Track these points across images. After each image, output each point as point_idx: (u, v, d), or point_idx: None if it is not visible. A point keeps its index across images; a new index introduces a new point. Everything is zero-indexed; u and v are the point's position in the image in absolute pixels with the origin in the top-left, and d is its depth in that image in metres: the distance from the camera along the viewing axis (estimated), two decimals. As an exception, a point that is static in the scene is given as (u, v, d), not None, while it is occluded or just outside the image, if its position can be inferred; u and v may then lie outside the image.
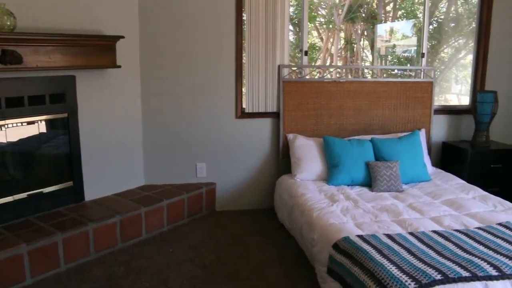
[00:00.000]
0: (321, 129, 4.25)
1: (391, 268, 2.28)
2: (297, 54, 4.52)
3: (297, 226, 3.40)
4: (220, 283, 3.01)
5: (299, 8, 4.38)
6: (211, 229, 3.89)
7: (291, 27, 4.77)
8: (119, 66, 3.62)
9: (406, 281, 2.16)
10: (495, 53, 4.68)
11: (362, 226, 2.90)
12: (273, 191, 4.22)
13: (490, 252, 2.48)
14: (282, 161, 4.23)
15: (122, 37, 3.56)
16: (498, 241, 2.64)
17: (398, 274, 2.22)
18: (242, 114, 4.22)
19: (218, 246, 3.57)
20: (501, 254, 2.45)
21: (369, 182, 3.77)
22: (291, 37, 4.86)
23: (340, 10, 5.31)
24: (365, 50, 5.62)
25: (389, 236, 2.70)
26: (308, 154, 3.96)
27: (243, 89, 4.22)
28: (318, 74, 4.67)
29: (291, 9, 4.69)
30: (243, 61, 4.15)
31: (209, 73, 4.09)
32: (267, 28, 4.08)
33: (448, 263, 2.34)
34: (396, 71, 4.97)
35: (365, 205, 3.31)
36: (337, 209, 3.22)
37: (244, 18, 4.06)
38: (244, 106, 4.23)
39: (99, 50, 3.47)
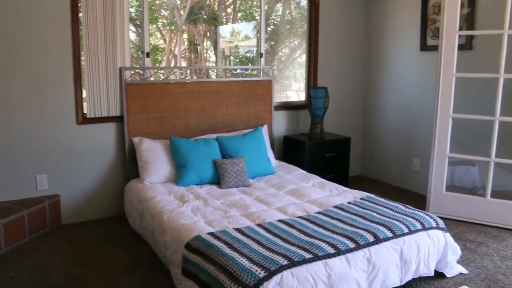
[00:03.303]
0: (167, 130, 4.23)
1: (242, 261, 2.36)
2: (140, 56, 4.43)
3: (149, 230, 3.35)
4: (70, 300, 2.84)
5: (140, 9, 4.30)
6: (58, 245, 3.63)
7: (133, 28, 4.66)
8: None
9: (256, 270, 2.26)
10: (324, 52, 5.16)
11: (212, 223, 2.96)
12: (123, 197, 4.09)
13: (328, 233, 2.72)
14: (130, 165, 4.12)
15: None
16: (334, 222, 2.92)
17: (248, 265, 2.31)
18: (84, 119, 4.00)
19: (67, 261, 3.33)
20: (337, 233, 2.71)
21: (217, 180, 3.86)
22: (134, 38, 4.74)
23: (182, 11, 5.32)
24: (208, 51, 5.72)
25: (238, 230, 2.80)
26: (155, 157, 3.91)
27: (83, 93, 4.01)
28: (162, 76, 4.63)
29: (133, 10, 4.58)
30: (82, 63, 3.94)
31: (44, 77, 3.78)
32: (106, 29, 3.93)
33: (293, 248, 2.51)
34: (238, 70, 5.17)
35: (214, 203, 3.39)
36: (188, 209, 3.24)
37: (81, 17, 3.85)
38: (85, 111, 4.02)
39: None
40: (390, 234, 2.76)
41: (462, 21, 4.20)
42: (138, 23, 4.61)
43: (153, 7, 5.12)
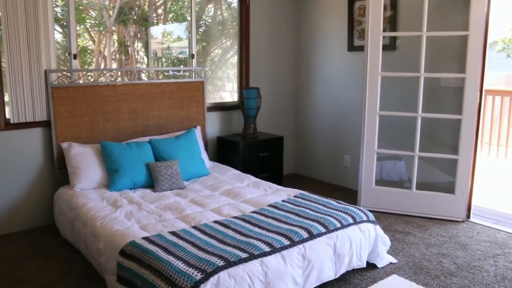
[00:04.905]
0: (97, 134, 4.11)
1: (177, 264, 2.35)
2: (68, 58, 4.26)
3: (81, 239, 3.23)
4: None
5: (66, 8, 4.13)
6: (-19, 260, 3.43)
7: (59, 29, 4.48)
8: None
9: (192, 273, 2.26)
10: (256, 53, 5.22)
11: (147, 227, 2.91)
12: (52, 205, 3.92)
13: (263, 232, 2.77)
14: (59, 172, 3.95)
15: None
16: (269, 220, 2.97)
17: (185, 268, 2.30)
18: (7, 125, 3.79)
19: (-9, 277, 3.16)
20: (272, 232, 2.76)
21: (151, 183, 3.80)
22: (61, 39, 4.56)
23: (111, 12, 5.18)
24: (140, 52, 5.61)
25: (173, 233, 2.77)
26: (86, 162, 3.78)
27: (5, 98, 3.81)
28: (92, 78, 4.49)
29: (58, 10, 4.40)
30: (3, 65, 3.74)
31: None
32: (29, 29, 3.74)
33: (229, 248, 2.53)
34: (170, 72, 5.11)
35: (149, 207, 3.33)
36: (121, 214, 3.16)
37: (0, 16, 3.65)
38: (8, 116, 3.81)
39: None
40: (323, 230, 2.85)
41: (386, 23, 4.40)
42: (65, 24, 4.44)
43: (80, 7, 4.94)
